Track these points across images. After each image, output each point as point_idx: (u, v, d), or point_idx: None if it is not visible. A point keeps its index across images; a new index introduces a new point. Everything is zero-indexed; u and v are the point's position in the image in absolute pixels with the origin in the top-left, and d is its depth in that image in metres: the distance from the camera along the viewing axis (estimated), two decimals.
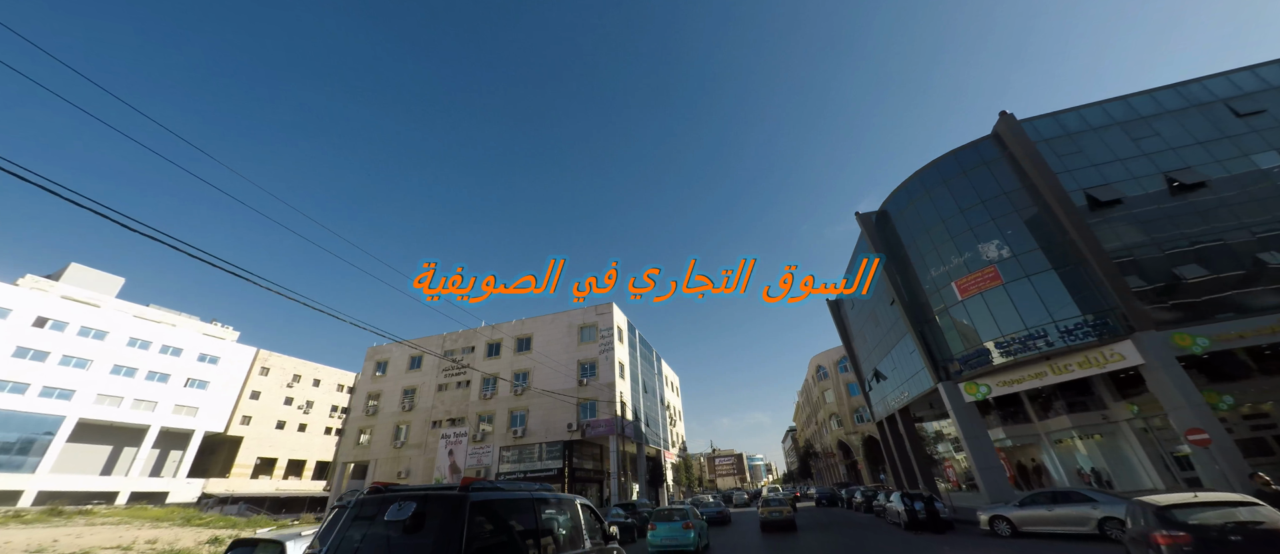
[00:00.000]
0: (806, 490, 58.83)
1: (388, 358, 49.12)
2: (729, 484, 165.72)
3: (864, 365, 39.73)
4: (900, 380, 31.49)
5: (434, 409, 43.50)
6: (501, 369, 42.74)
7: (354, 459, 44.58)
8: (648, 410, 47.60)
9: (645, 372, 50.14)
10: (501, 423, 39.91)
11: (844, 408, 58.23)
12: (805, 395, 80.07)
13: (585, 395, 38.34)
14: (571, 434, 37.21)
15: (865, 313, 36.39)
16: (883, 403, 36.48)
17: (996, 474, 22.36)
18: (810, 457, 70.29)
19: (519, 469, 37.74)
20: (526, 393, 40.50)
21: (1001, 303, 22.31)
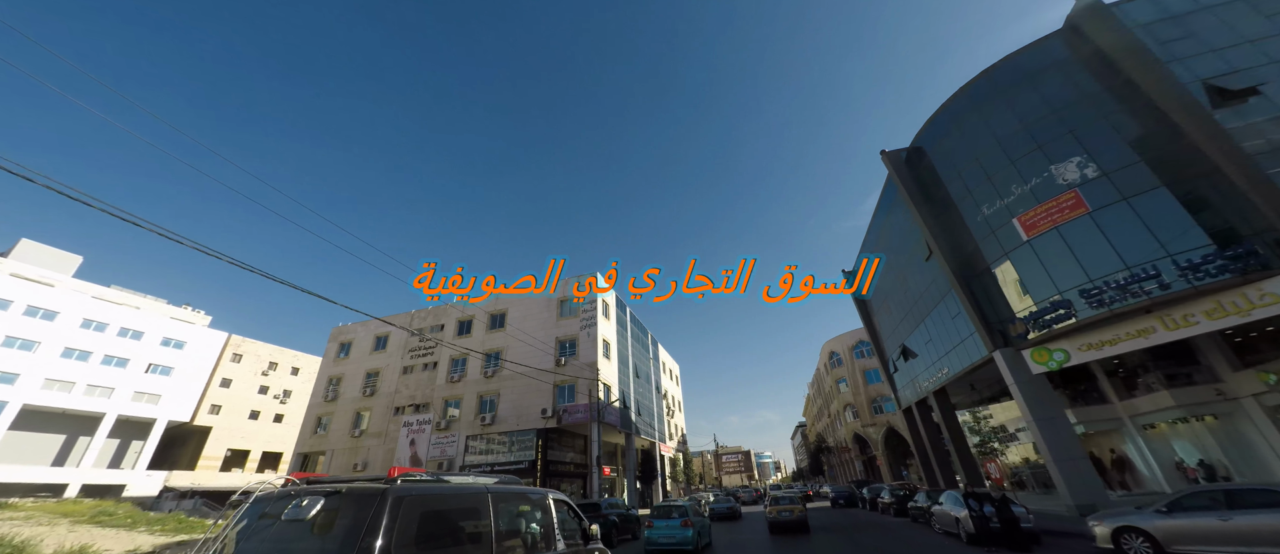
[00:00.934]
0: (818, 488, 53.25)
1: (352, 339, 44.44)
2: (735, 482, 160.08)
3: (888, 342, 34.11)
4: (936, 356, 25.89)
5: (397, 394, 38.67)
6: (472, 349, 37.72)
7: (310, 449, 39.95)
8: (640, 397, 42.34)
9: (638, 355, 44.86)
10: (469, 409, 34.93)
11: (861, 398, 52.49)
12: (816, 386, 74.28)
13: (564, 377, 33.21)
14: (546, 421, 32.10)
15: (890, 279, 30.76)
16: (912, 386, 30.87)
17: (1080, 468, 16.76)
18: (822, 453, 64.67)
19: (487, 462, 32.71)
20: (498, 375, 35.46)
21: (1087, 237, 16.69)
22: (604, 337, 35.33)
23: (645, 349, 48.39)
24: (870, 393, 51.86)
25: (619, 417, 34.67)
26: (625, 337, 41.38)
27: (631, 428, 37.78)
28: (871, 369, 52.92)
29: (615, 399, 34.99)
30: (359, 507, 3.53)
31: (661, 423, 48.43)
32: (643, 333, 48.69)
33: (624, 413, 36.33)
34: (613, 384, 35.37)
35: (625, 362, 39.98)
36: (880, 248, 31.71)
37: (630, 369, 40.97)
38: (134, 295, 59.97)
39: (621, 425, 35.04)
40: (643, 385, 44.33)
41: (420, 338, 40.68)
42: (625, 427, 36.15)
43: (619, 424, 34.18)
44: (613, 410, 33.45)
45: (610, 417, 32.73)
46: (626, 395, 38.26)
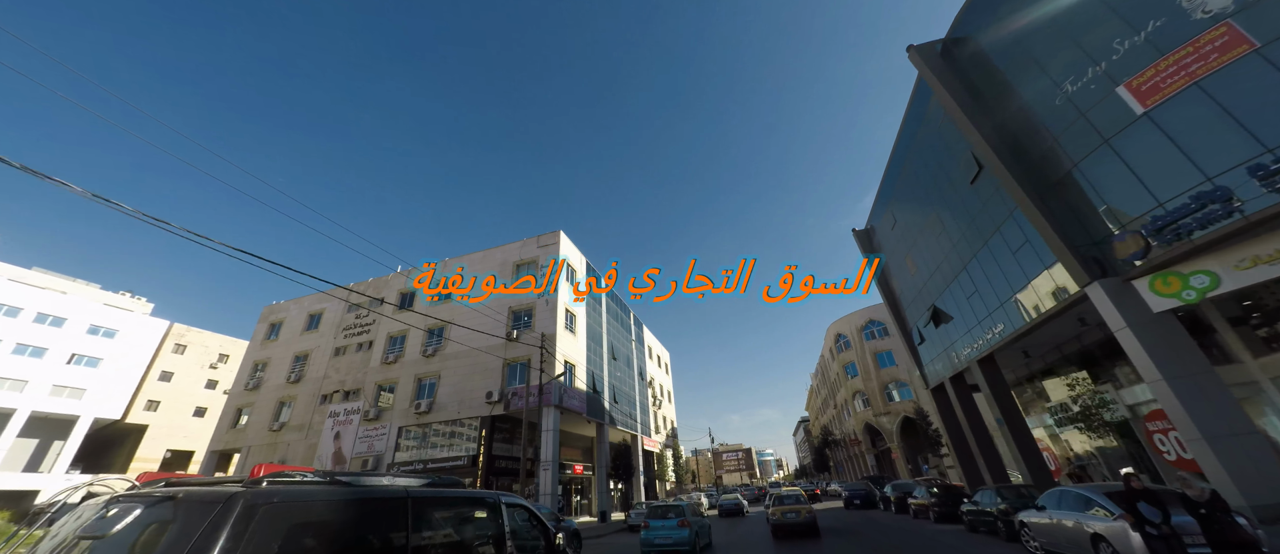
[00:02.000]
0: (825, 485, 47.19)
1: (283, 318, 38.43)
2: (735, 480, 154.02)
3: (911, 309, 28.05)
4: (981, 314, 19.91)
5: (326, 379, 32.65)
6: (413, 324, 31.72)
7: (225, 446, 33.94)
8: (617, 383, 36.29)
9: (616, 335, 38.80)
10: (405, 395, 28.91)
11: (872, 384, 46.40)
12: (821, 375, 68.17)
13: (515, 354, 27.18)
14: (491, 407, 26.08)
15: (915, 229, 24.70)
16: (944, 358, 24.83)
17: (1251, 450, 10.73)
18: (828, 446, 58.67)
19: (420, 458, 26.68)
20: (440, 353, 29.46)
21: (1252, 85, 10.67)
22: (567, 306, 29.29)
23: (626, 330, 42.35)
24: (882, 378, 45.78)
25: (585, 402, 28.61)
26: (599, 312, 35.34)
27: (604, 417, 31.74)
28: (884, 351, 46.85)
29: (581, 381, 28.94)
30: (192, 518, 2.47)
31: (645, 414, 42.39)
32: (623, 311, 42.61)
33: (593, 399, 30.28)
34: (578, 364, 29.33)
35: (598, 340, 33.93)
36: (902, 194, 25.65)
37: (604, 349, 34.93)
38: (60, 278, 54.02)
39: (589, 413, 29.00)
40: (622, 370, 38.29)
41: (356, 314, 34.69)
42: (595, 415, 30.11)
43: (584, 411, 28.13)
44: (576, 394, 27.39)
45: (573, 401, 26.68)
46: (598, 379, 32.22)
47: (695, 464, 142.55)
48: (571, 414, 27.48)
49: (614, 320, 39.26)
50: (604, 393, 32.61)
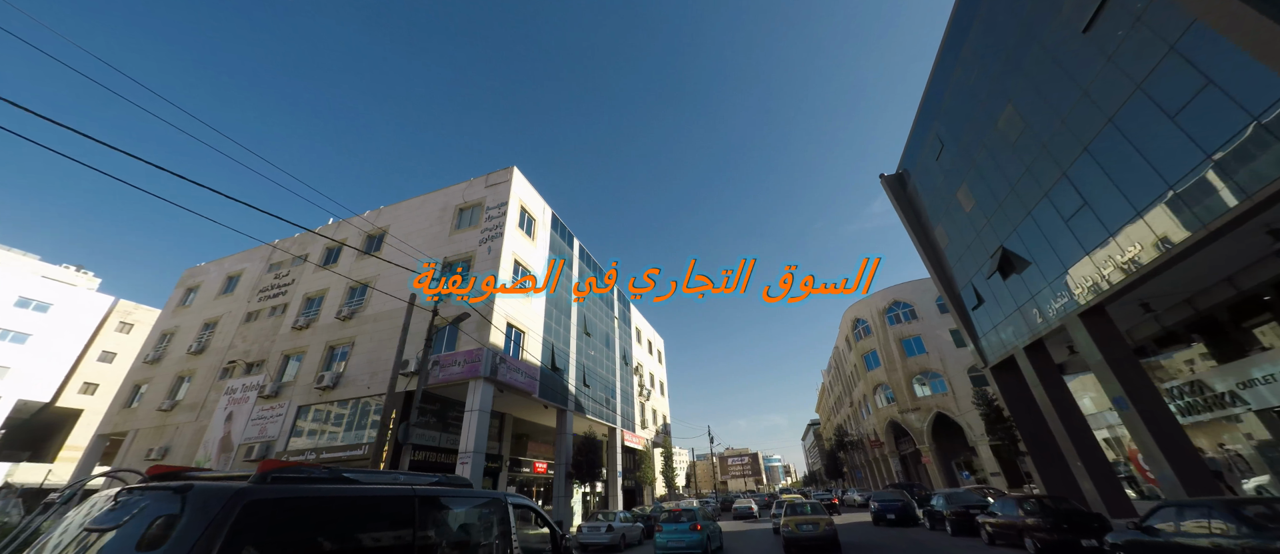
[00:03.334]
0: (842, 493, 40.34)
1: (201, 282, 32.73)
2: (739, 486, 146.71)
3: (962, 264, 21.39)
4: (1093, 240, 13.33)
5: (231, 349, 26.78)
6: (334, 284, 25.76)
7: (114, 429, 28.17)
8: (590, 364, 30.01)
9: (592, 306, 32.55)
10: (312, 366, 22.89)
11: (897, 375, 39.57)
12: (835, 369, 61.21)
13: (445, 315, 21.00)
14: (405, 380, 19.91)
15: (977, 129, 18.07)
16: (1018, 321, 18.18)
17: None
18: (843, 449, 51.77)
19: (313, 447, 20.60)
20: (357, 316, 23.42)
21: None
22: (517, 255, 23.05)
23: (607, 304, 36.06)
24: (910, 368, 38.94)
25: (538, 380, 22.33)
26: (565, 270, 29.07)
27: (568, 402, 25.45)
28: (912, 337, 40.00)
29: (534, 353, 22.72)
30: (199, 513, 2.48)
31: (630, 405, 36.02)
32: (593, 271, 36.28)
33: (552, 378, 24.00)
34: (531, 331, 23.09)
35: (564, 309, 27.67)
36: (959, 94, 19.11)
37: (574, 321, 28.66)
38: None
39: (543, 394, 22.72)
40: (599, 350, 31.99)
41: (276, 274, 28.84)
42: (554, 398, 23.83)
43: (536, 391, 21.84)
44: (523, 369, 21.12)
45: (516, 377, 20.41)
46: (562, 355, 25.95)
47: (698, 468, 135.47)
48: (517, 393, 21.23)
49: (592, 292, 33.00)
50: (569, 372, 26.32)
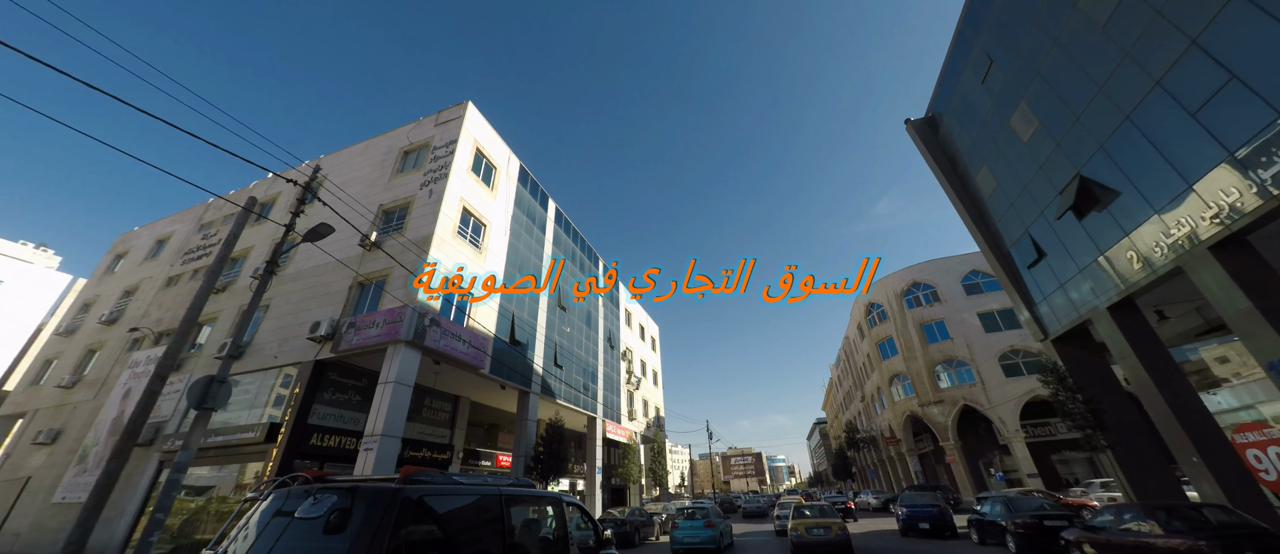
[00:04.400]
0: (854, 495, 36.06)
1: (131, 247, 29.13)
2: (741, 487, 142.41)
3: (1014, 213, 17.11)
4: (1227, 145, 9.10)
5: (145, 317, 23.10)
6: (259, 241, 21.99)
7: (14, 410, 24.59)
8: (566, 342, 26.04)
9: (569, 276, 28.58)
10: (221, 334, 19.11)
11: (917, 364, 35.26)
12: (845, 361, 56.84)
13: (372, 270, 17.15)
14: (316, 345, 16.06)
15: (1046, 29, 13.84)
16: (1094, 277, 13.93)
17: None
18: (854, 447, 47.44)
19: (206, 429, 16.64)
20: (280, 275, 19.55)
21: None
22: (467, 202, 19.07)
23: (580, 266, 32.07)
24: (932, 356, 34.61)
25: (489, 353, 18.34)
26: (535, 233, 25.05)
27: (532, 383, 21.48)
28: (934, 321, 35.65)
29: (487, 321, 18.76)
30: (370, 508, 3.42)
31: (614, 392, 32.00)
32: (576, 243, 32.33)
33: (508, 351, 20.03)
34: (487, 295, 19.12)
35: (521, 262, 23.69)
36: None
37: (547, 290, 24.67)
38: None
39: (495, 371, 18.75)
40: (575, 327, 28.01)
41: (204, 234, 25.14)
42: (512, 377, 19.87)
43: (485, 365, 17.82)
44: (466, 336, 17.12)
45: (455, 345, 16.41)
46: (526, 326, 21.97)
47: (698, 467, 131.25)
48: (457, 367, 17.25)
49: (568, 258, 29.02)
50: (536, 349, 22.33)
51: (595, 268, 33.73)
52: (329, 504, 3.43)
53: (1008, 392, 31.33)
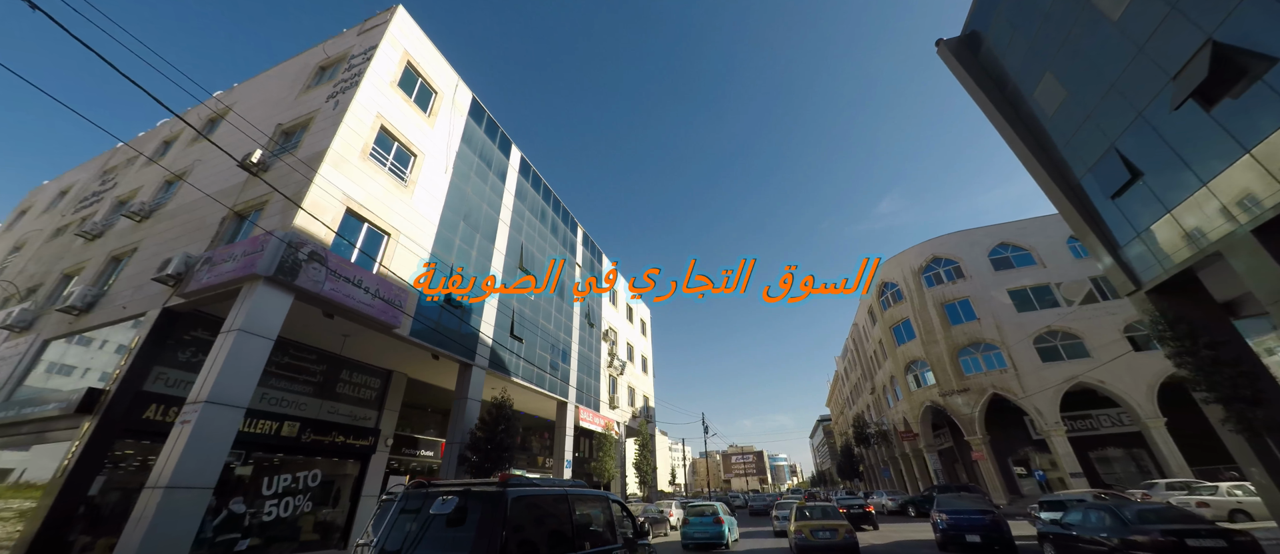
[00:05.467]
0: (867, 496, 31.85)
1: (36, 201, 25.44)
2: (741, 486, 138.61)
3: (1088, 132, 13.06)
4: None
5: (22, 273, 19.32)
6: (149, 181, 18.18)
7: None
8: (532, 314, 22.08)
9: (536, 235, 24.70)
10: (84, 285, 15.23)
11: (938, 349, 31.15)
12: (852, 351, 52.68)
13: (251, 198, 13.25)
14: (166, 290, 12.17)
15: None
16: (1246, 182, 9.84)
17: None
18: (864, 443, 43.33)
19: None
20: (155, 214, 15.78)
21: None
22: (387, 122, 15.08)
23: (565, 246, 28.13)
24: (956, 339, 30.48)
25: (405, 312, 14.39)
26: (491, 181, 21.01)
27: (478, 355, 17.55)
28: (958, 300, 31.50)
29: (394, 267, 14.86)
30: (485, 504, 4.60)
31: (592, 376, 28.05)
32: (547, 202, 28.42)
33: (441, 312, 16.09)
34: (408, 237, 15.18)
35: (483, 228, 19.74)
36: None
37: (501, 245, 20.72)
38: None
39: (417, 333, 14.83)
40: (543, 294, 24.06)
41: (103, 180, 21.37)
42: (444, 344, 15.94)
43: (397, 322, 13.84)
44: (370, 284, 13.15)
45: (348, 293, 12.46)
46: (461, 268, 18.03)
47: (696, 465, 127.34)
48: (362, 324, 13.34)
49: (537, 217, 25.08)
50: (483, 314, 18.38)
51: (573, 235, 29.77)
52: (453, 503, 4.63)
53: (1045, 378, 27.21)
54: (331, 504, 15.83)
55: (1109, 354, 26.78)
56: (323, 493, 15.39)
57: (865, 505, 17.53)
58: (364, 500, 16.12)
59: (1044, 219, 32.33)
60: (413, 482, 5.23)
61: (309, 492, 14.76)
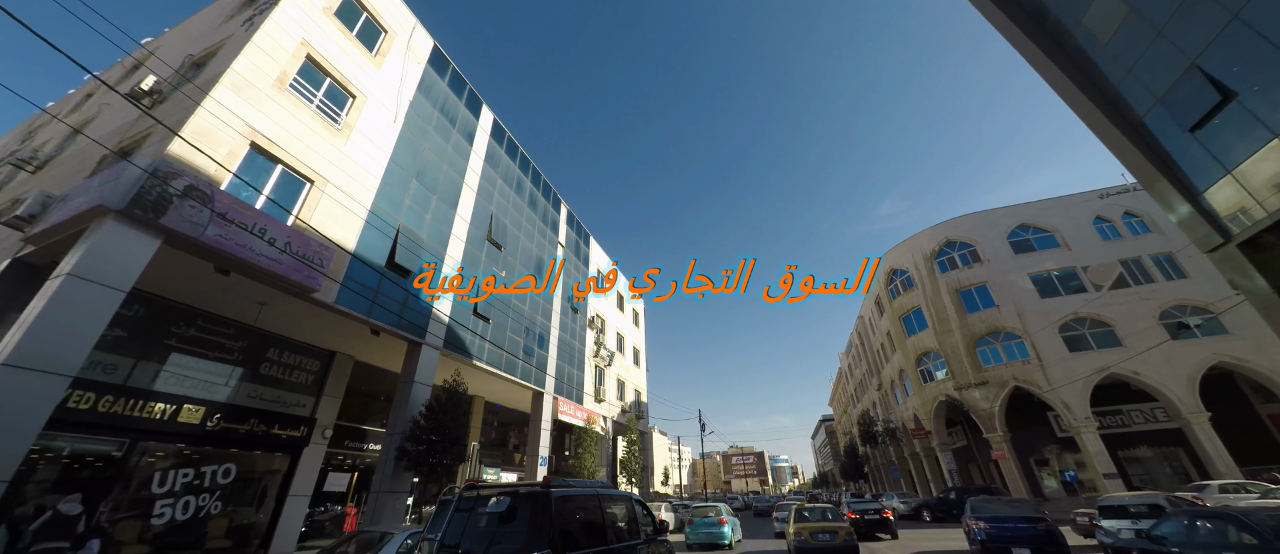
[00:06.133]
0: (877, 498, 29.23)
1: None
2: (741, 487, 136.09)
3: (1154, 57, 10.70)
4: None
5: None
6: (58, 133, 15.89)
7: None
8: (499, 290, 19.70)
9: (507, 203, 22.37)
10: None
11: (953, 338, 28.68)
12: (858, 347, 50.16)
13: (138, 133, 10.90)
14: (18, 236, 9.80)
15: None
16: None
17: None
18: (871, 442, 40.84)
19: None
20: (50, 164, 13.42)
21: None
22: (313, 49, 12.68)
23: (546, 223, 25.77)
24: (972, 328, 28.01)
25: (328, 276, 12.02)
26: (454, 140, 18.63)
27: (429, 332, 15.18)
28: (975, 286, 29.03)
29: (316, 220, 12.51)
30: (534, 503, 5.16)
31: (575, 365, 25.68)
32: (526, 173, 26.15)
33: (389, 286, 13.72)
34: (338, 187, 12.83)
35: (442, 189, 17.38)
36: None
37: (464, 212, 18.35)
38: None
39: (345, 301, 12.46)
40: (518, 272, 21.71)
41: (21, 142, 19.11)
42: (386, 318, 13.58)
43: (317, 286, 11.45)
44: (280, 238, 10.78)
45: (243, 244, 10.07)
46: (412, 248, 15.66)
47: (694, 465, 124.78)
48: (268, 284, 10.99)
49: (513, 187, 22.75)
50: (438, 287, 16.01)
51: (556, 213, 27.42)
52: (505, 502, 5.20)
53: (1072, 369, 24.74)
54: (254, 504, 13.51)
55: (1142, 342, 24.32)
56: (239, 491, 13.06)
57: (881, 511, 15.13)
58: (292, 500, 13.77)
59: (1068, 198, 29.88)
60: (465, 484, 5.78)
61: (219, 490, 12.44)
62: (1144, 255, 26.93)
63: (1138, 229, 28.18)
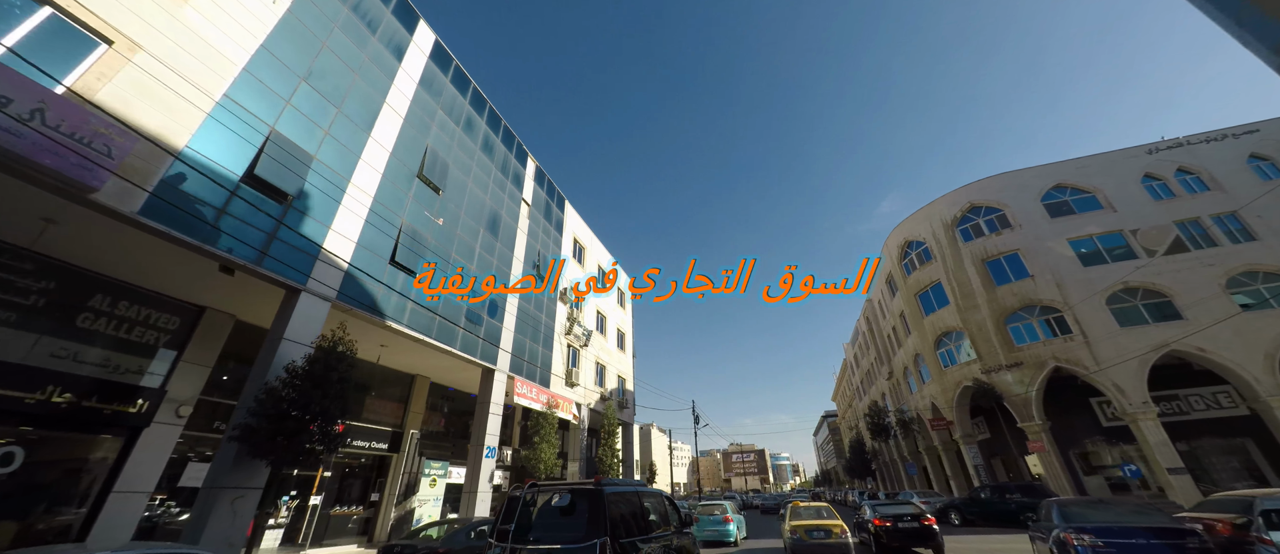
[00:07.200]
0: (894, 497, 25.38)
1: None
2: (740, 486, 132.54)
3: None
4: None
5: None
6: None
7: None
8: (421, 228, 16.02)
9: (445, 140, 18.71)
10: None
11: (980, 314, 24.97)
12: (865, 335, 46.38)
13: None
14: None
15: None
16: None
17: None
18: (881, 435, 37.16)
19: None
20: None
21: None
22: None
23: (502, 172, 22.12)
24: (1003, 302, 24.28)
25: (120, 175, 8.33)
26: (372, 50, 14.94)
27: (311, 278, 11.50)
28: (1004, 255, 25.30)
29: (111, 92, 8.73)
30: (589, 499, 6.17)
31: (542, 341, 22.06)
32: (479, 111, 22.50)
33: (241, 206, 10.03)
34: (195, 75, 9.12)
35: (353, 97, 13.72)
36: None
37: (389, 138, 14.71)
38: None
39: (157, 214, 8.78)
40: (461, 223, 18.06)
41: None
42: (222, 242, 9.90)
43: (98, 184, 7.79)
44: (23, 107, 7.11)
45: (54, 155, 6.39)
46: (315, 171, 11.99)
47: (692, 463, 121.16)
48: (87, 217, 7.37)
49: (456, 122, 19.10)
50: (335, 215, 12.39)
51: (521, 168, 23.77)
52: (567, 498, 6.36)
53: (1123, 346, 21.04)
54: (75, 502, 9.94)
55: (1206, 313, 20.64)
56: (40, 485, 9.48)
57: (921, 516, 11.37)
58: (116, 497, 10.16)
59: (1109, 155, 26.15)
60: (528, 483, 6.84)
61: None
62: (1203, 215, 23.22)
63: (1194, 187, 24.47)
